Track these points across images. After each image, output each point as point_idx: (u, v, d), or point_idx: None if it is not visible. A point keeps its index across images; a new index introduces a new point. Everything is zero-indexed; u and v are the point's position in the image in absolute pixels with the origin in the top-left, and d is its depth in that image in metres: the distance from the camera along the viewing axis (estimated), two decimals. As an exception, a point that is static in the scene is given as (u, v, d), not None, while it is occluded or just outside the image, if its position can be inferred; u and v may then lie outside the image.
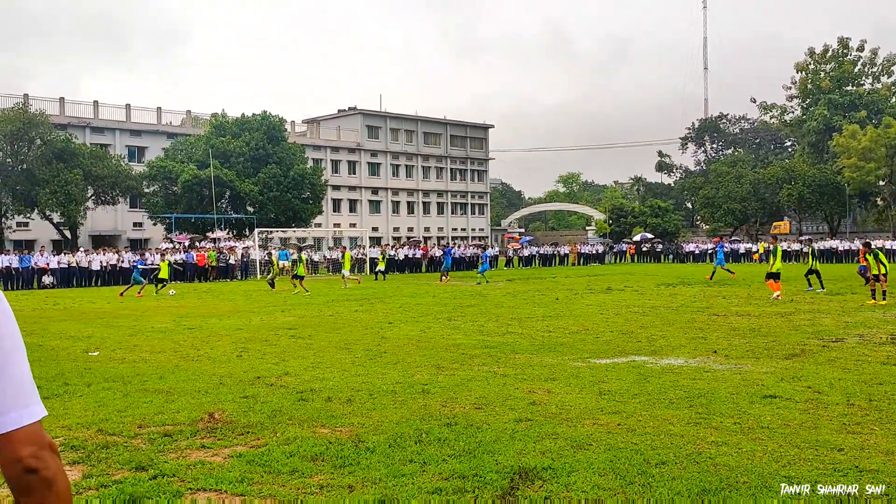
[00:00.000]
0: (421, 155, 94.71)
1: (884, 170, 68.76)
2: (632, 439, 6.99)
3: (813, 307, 20.15)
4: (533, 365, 11.30)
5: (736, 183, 79.06)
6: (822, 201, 73.65)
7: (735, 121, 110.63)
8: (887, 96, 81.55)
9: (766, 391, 9.05)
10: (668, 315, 18.67)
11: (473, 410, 8.28)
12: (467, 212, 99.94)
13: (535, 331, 15.79)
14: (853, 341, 13.44)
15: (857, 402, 8.45)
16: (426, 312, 20.44)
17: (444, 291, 29.40)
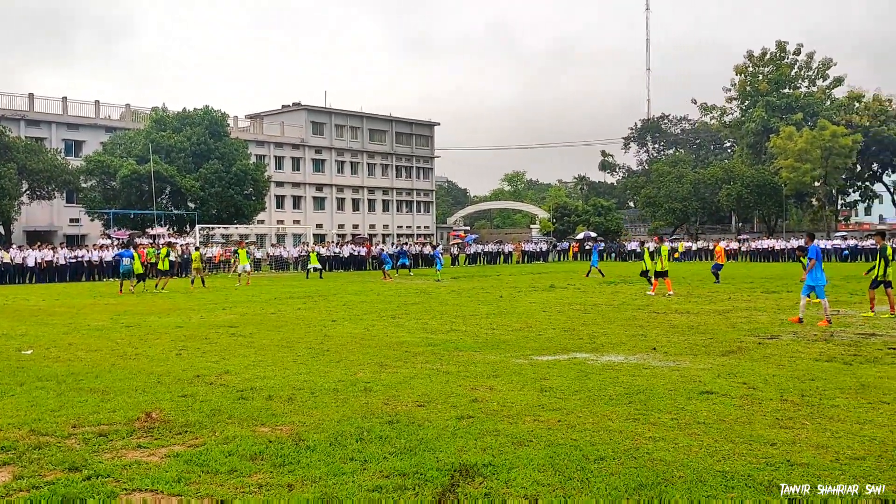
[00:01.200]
0: (366, 152, 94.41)
1: (819, 171, 70.75)
2: (571, 435, 7.08)
3: (750, 305, 20.64)
4: (476, 362, 11.35)
5: (677, 183, 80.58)
6: (759, 201, 75.48)
7: (676, 121, 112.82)
8: (822, 99, 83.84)
9: (703, 387, 9.25)
10: (610, 313, 18.94)
11: (415, 408, 8.29)
12: (413, 209, 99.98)
13: (479, 328, 15.87)
14: (787, 338, 13.81)
15: (790, 397, 8.69)
16: (370, 310, 20.38)
17: (389, 289, 29.36)
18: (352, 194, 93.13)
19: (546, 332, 15.01)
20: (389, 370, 10.74)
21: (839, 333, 14.36)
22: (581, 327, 15.82)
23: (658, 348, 12.66)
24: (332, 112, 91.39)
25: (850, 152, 70.21)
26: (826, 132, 69.69)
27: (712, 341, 13.49)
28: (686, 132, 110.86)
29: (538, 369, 10.66)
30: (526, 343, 13.51)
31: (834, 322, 16.17)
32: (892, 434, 7.06)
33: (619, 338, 14.09)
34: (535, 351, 12.52)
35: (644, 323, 16.56)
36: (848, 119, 75.52)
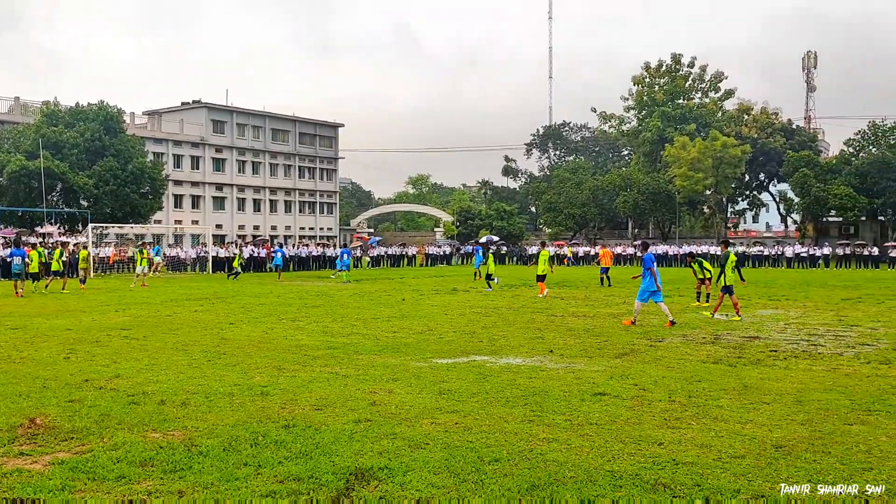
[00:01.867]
0: (269, 152, 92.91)
1: (710, 179, 73.66)
2: (468, 437, 7.16)
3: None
4: (375, 365, 11.34)
5: (576, 189, 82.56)
6: (654, 208, 78.08)
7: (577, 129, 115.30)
8: (714, 110, 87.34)
9: (597, 389, 9.51)
10: (510, 315, 19.22)
11: (313, 412, 8.22)
12: (316, 211, 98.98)
13: (380, 331, 15.86)
14: (677, 341, 14.33)
15: (678, 398, 9.02)
16: (270, 313, 20.08)
17: (290, 291, 28.99)
18: (253, 195, 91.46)
19: (447, 335, 15.12)
20: (287, 374, 10.62)
21: (725, 336, 14.99)
22: (481, 330, 16.00)
23: (555, 351, 12.94)
24: (233, 110, 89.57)
25: (739, 162, 73.37)
26: (717, 143, 72.60)
27: (606, 344, 13.87)
28: (586, 140, 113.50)
29: (437, 372, 10.74)
30: (426, 346, 13.58)
31: (721, 326, 16.87)
32: (771, 433, 7.42)
33: (518, 340, 14.32)
34: (435, 354, 12.59)
35: (542, 326, 16.88)
36: (738, 130, 78.86)
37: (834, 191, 67.41)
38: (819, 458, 6.57)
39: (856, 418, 8.03)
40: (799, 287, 31.28)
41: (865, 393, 9.33)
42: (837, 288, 30.77)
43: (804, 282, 35.55)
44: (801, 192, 70.84)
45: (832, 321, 17.91)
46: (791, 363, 11.62)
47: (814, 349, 13.17)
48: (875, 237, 71.12)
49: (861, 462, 6.48)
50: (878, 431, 7.49)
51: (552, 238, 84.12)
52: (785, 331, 15.99)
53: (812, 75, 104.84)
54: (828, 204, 68.56)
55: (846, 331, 15.99)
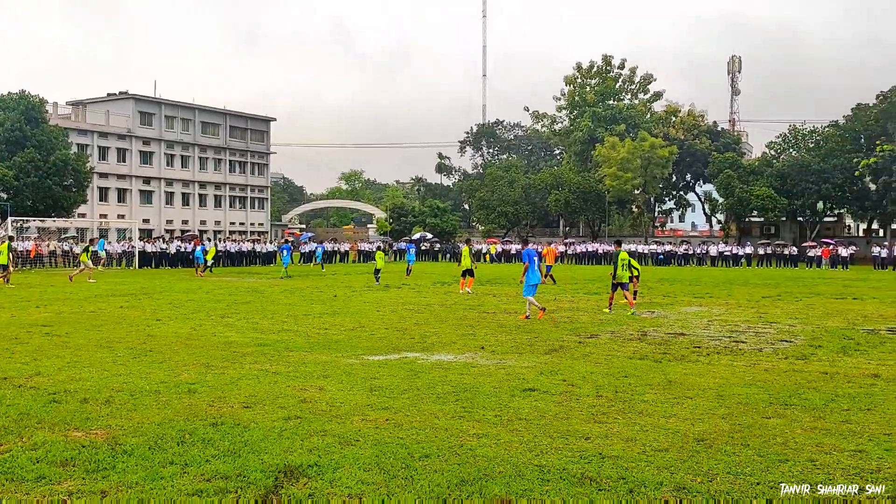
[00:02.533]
0: (198, 145, 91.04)
1: (639, 179, 75.08)
2: (398, 434, 7.17)
3: (573, 305, 21.63)
4: (306, 363, 11.26)
5: (509, 187, 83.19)
6: (585, 207, 79.21)
7: (510, 127, 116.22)
8: (643, 112, 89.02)
9: (526, 384, 9.62)
10: (442, 312, 19.29)
11: (242, 409, 8.12)
12: (246, 206, 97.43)
13: (312, 328, 15.74)
14: (605, 337, 14.60)
15: (605, 393, 9.20)
16: (198, 309, 19.72)
17: (219, 288, 28.52)
18: (182, 188, 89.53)
19: (378, 332, 15.10)
20: (216, 371, 10.45)
21: (652, 333, 15.33)
22: (413, 327, 16.02)
23: (486, 347, 13.04)
24: (161, 102, 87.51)
25: (666, 163, 74.98)
26: (646, 143, 74.04)
27: (537, 340, 14.05)
28: (519, 138, 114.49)
29: (369, 369, 10.72)
30: (358, 343, 13.54)
31: (648, 323, 17.24)
32: (693, 427, 7.63)
33: (450, 337, 14.38)
34: (366, 351, 12.57)
35: (474, 322, 16.99)
36: (665, 132, 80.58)
37: (756, 192, 69.45)
38: (738, 451, 6.79)
39: (773, 412, 8.31)
40: (722, 285, 32.18)
41: (783, 387, 9.66)
42: (758, 286, 31.76)
43: (727, 280, 36.59)
44: (725, 192, 72.78)
45: (753, 318, 18.48)
46: (714, 359, 11.96)
47: (735, 345, 13.58)
48: (794, 237, 73.64)
49: (777, 454, 6.71)
50: (794, 424, 7.77)
51: (485, 235, 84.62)
52: (708, 327, 16.43)
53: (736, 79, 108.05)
54: (750, 204, 70.60)
55: (766, 327, 16.53)
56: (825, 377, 10.39)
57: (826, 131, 76.41)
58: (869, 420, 7.98)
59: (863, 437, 7.31)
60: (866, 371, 10.90)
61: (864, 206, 70.47)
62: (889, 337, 14.96)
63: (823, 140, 75.55)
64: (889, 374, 10.70)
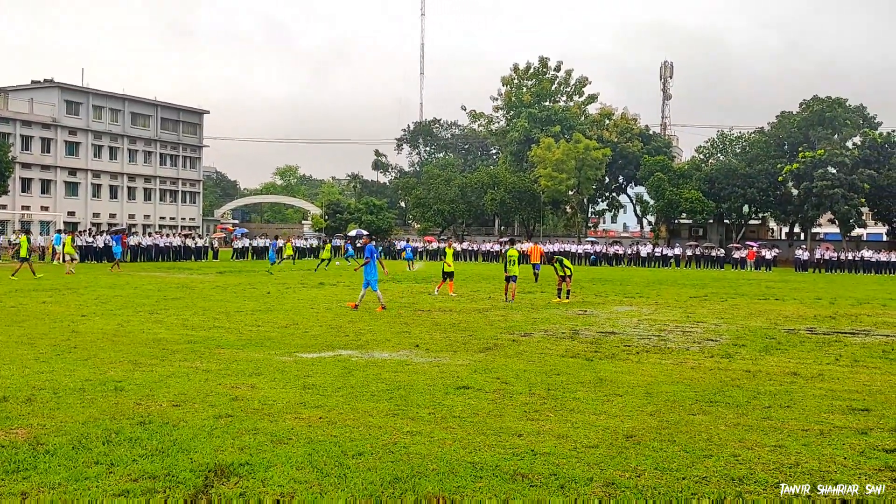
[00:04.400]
0: (128, 136, 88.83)
1: (573, 180, 76.12)
2: (332, 432, 7.14)
3: (507, 304, 21.81)
4: (238, 360, 11.11)
5: (445, 185, 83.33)
6: (520, 207, 79.85)
7: (447, 126, 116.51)
8: (578, 114, 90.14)
9: (461, 382, 9.67)
10: (377, 310, 19.23)
11: (171, 408, 7.97)
12: (177, 199, 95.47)
13: (244, 325, 15.53)
14: (539, 336, 14.77)
15: (538, 391, 9.31)
16: (126, 305, 19.26)
17: (149, 283, 27.88)
18: (110, 181, 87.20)
19: (312, 330, 14.98)
20: (144, 368, 10.23)
21: (584, 332, 15.56)
22: (348, 325, 15.94)
23: (421, 345, 13.06)
24: (89, 92, 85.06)
25: (600, 165, 76.21)
26: (580, 145, 75.11)
27: (471, 338, 14.13)
28: (456, 137, 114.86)
29: (302, 367, 10.63)
30: (291, 340, 13.41)
31: (580, 322, 17.50)
32: (623, 424, 7.78)
33: (385, 335, 14.36)
34: (300, 348, 12.46)
35: (409, 320, 16.99)
36: (599, 134, 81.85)
37: (685, 195, 71.09)
38: (665, 447, 6.95)
39: (699, 409, 8.53)
40: (652, 285, 32.85)
41: (708, 385, 9.92)
42: (686, 286, 32.52)
43: (657, 280, 37.37)
44: (655, 194, 74.29)
45: (681, 318, 18.92)
46: (643, 357, 12.20)
47: (663, 344, 13.88)
48: (721, 239, 75.67)
49: (702, 450, 6.89)
50: (718, 421, 7.99)
51: (421, 233, 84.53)
52: (638, 326, 16.76)
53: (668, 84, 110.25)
54: (679, 207, 72.22)
55: (693, 327, 16.94)
56: (748, 375, 10.70)
57: (752, 137, 78.71)
58: (788, 416, 8.26)
59: (782, 432, 7.56)
60: (786, 369, 11.27)
61: (787, 211, 72.81)
62: (808, 336, 15.49)
63: (749, 146, 77.85)
64: (807, 372, 11.09)
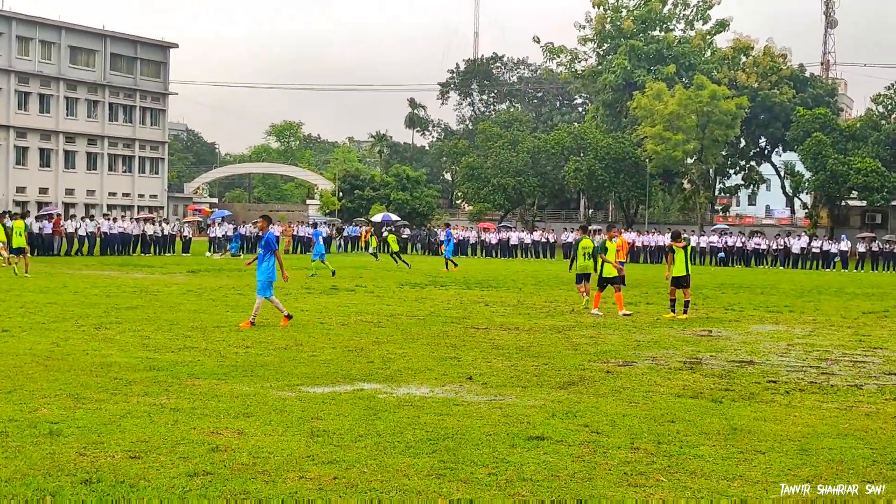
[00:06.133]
0: (65, 80, 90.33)
1: (693, 143, 74.90)
2: (352, 499, 7.19)
3: (598, 320, 21.74)
4: (220, 395, 11.24)
5: (510, 150, 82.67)
6: (617, 180, 78.84)
7: (513, 66, 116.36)
8: (701, 48, 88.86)
9: (533, 431, 9.67)
10: (412, 327, 19.30)
11: (127, 461, 8.11)
12: (133, 168, 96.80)
13: (227, 346, 15.71)
14: (643, 366, 14.68)
15: (643, 445, 9.26)
16: (63, 316, 19.62)
17: (93, 286, 28.39)
18: (39, 142, 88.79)
19: (323, 353, 15.10)
20: (89, 405, 10.42)
21: (708, 360, 15.44)
22: (372, 346, 16.03)
23: (475, 377, 13.07)
24: (11, 17, 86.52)
25: (733, 121, 74.97)
26: (704, 92, 73.98)
27: (547, 368, 14.10)
28: (525, 81, 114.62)
29: (309, 405, 10.72)
30: (293, 368, 13.53)
31: (703, 346, 17.36)
32: (767, 493, 7.70)
33: (424, 362, 14.41)
34: (305, 379, 12.56)
35: (458, 342, 17.02)
36: (732, 77, 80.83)
37: (857, 164, 69.67)
38: (830, 529, 6.87)
39: (877, 474, 8.40)
40: (807, 295, 32.44)
41: (891, 440, 9.77)
42: (858, 297, 32.04)
43: (814, 287, 36.88)
44: (813, 164, 72.70)
45: (850, 342, 18.64)
46: (795, 398, 12.06)
47: (825, 379, 13.69)
48: (909, 229, 74.09)
49: (885, 534, 6.80)
50: (907, 493, 7.87)
51: (473, 218, 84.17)
52: (787, 354, 16.56)
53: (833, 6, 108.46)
54: (848, 182, 70.68)
55: (868, 355, 16.67)
56: (951, 427, 10.52)
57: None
58: None
59: None
60: None
61: None
62: None
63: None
64: None
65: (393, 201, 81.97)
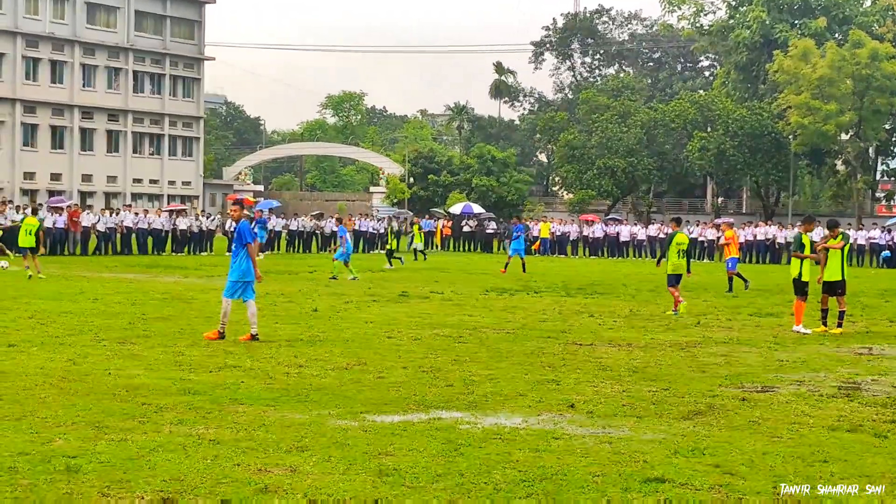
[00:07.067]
0: (81, 43, 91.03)
1: (849, 115, 73.64)
2: (429, 552, 7.22)
3: (730, 335, 21.50)
4: (268, 424, 11.32)
5: (619, 124, 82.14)
6: (753, 161, 77.89)
7: (623, 21, 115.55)
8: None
9: (651, 472, 9.60)
10: (500, 342, 19.29)
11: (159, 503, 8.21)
12: (162, 150, 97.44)
13: (275, 364, 15.83)
14: (788, 392, 14.50)
15: (789, 490, 9.15)
16: (80, 328, 19.93)
17: (116, 292, 28.79)
18: (51, 118, 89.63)
19: (392, 374, 15.15)
20: (113, 436, 10.56)
21: (869, 386, 15.19)
22: (451, 366, 16.04)
23: (578, 405, 13.02)
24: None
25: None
26: (862, 51, 72.76)
27: (667, 395, 13.99)
28: (638, 40, 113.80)
29: (375, 438, 10.75)
30: (356, 392, 13.59)
31: (862, 367, 17.10)
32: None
33: (515, 386, 14.38)
34: (371, 406, 12.61)
35: (556, 361, 16.97)
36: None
37: None
38: None
39: None
40: None
41: None
42: None
43: None
44: None
45: None
46: (982, 434, 11.83)
47: None
48: None
49: None
50: None
51: (574, 209, 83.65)
52: (971, 378, 16.26)
53: None
54: None
55: None
56: None
57: None
58: None
59: None
60: None
61: None
62: None
63: None
64: None
65: (475, 188, 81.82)
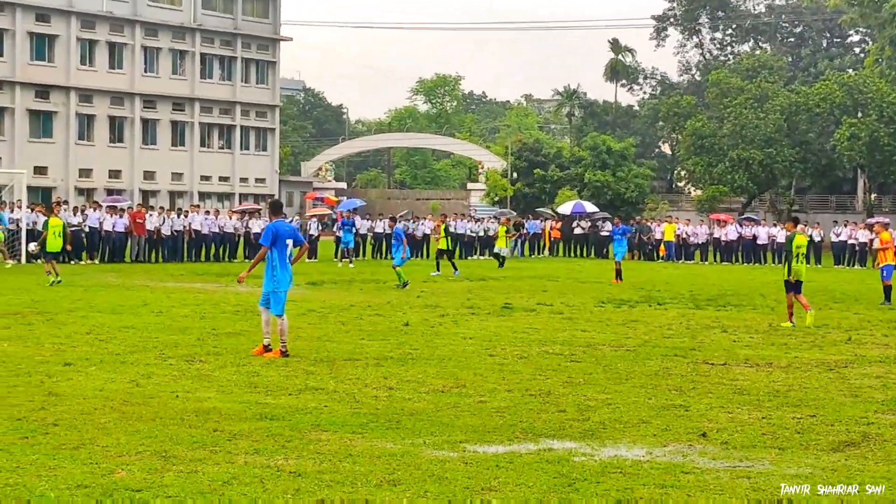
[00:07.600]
0: (142, 23, 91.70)
1: None
2: None
3: (888, 353, 21.21)
4: (355, 454, 11.37)
5: (755, 110, 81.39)
6: (911, 152, 77.01)
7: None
8: None
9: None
10: (619, 362, 19.21)
11: (234, 544, 8.29)
12: (233, 143, 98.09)
13: (362, 386, 15.90)
14: (955, 419, 14.28)
15: (959, 533, 9.02)
16: (143, 345, 20.16)
17: (182, 304, 29.09)
18: (109, 108, 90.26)
19: (494, 398, 15.15)
20: (181, 467, 10.66)
21: None
22: (563, 389, 16.01)
23: (710, 434, 12.93)
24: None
25: None
26: None
27: (814, 422, 13.85)
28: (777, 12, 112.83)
29: (477, 470, 10.76)
30: (454, 418, 13.61)
31: None
32: None
33: (637, 412, 14.33)
34: (471, 434, 12.62)
35: (685, 384, 16.87)
36: None
37: None
38: None
39: None
40: None
41: None
42: None
43: None
44: None
45: None
46: None
47: None
48: None
49: None
50: None
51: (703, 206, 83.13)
52: None
53: None
54: None
55: None
56: None
57: None
58: None
59: None
60: None
61: None
62: None
63: None
64: None
65: (588, 184, 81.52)
